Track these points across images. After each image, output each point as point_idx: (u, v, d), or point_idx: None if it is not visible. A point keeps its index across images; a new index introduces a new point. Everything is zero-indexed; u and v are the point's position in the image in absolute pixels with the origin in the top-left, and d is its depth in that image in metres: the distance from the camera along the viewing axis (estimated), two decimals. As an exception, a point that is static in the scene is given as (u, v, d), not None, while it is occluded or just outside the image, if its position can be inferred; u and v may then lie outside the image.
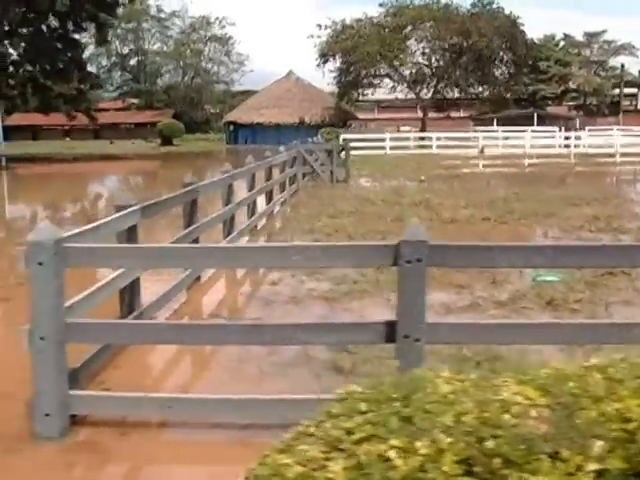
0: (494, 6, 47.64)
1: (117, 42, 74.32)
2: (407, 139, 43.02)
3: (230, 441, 4.07)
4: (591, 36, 74.17)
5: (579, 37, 74.53)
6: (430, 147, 38.73)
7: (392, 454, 1.91)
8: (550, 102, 75.27)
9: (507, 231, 11.51)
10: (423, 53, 50.27)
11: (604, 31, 73.43)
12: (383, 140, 37.63)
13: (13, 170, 33.51)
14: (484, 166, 30.62)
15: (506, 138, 43.64)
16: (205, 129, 75.62)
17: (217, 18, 77.20)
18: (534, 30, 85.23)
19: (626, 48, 72.41)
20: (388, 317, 4.07)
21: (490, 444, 1.88)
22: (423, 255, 3.74)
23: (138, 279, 6.06)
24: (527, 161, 32.95)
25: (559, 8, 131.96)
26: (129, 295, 5.95)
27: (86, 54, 46.59)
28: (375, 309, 6.84)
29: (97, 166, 37.16)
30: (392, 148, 37.27)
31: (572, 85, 74.09)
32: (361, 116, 60.03)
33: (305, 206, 14.85)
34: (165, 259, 3.97)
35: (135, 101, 78.01)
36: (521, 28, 48.24)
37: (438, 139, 39.15)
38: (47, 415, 4.00)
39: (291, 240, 10.20)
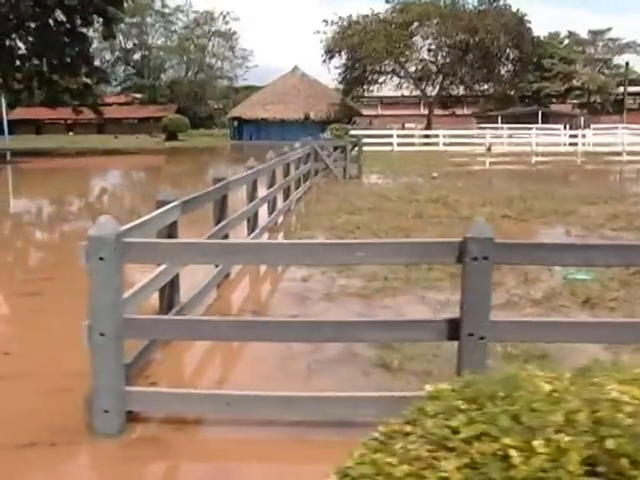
0: (501, 3, 47.54)
1: (121, 37, 74.11)
2: (413, 136, 42.98)
3: (288, 438, 4.05)
4: (596, 34, 74.14)
5: (584, 35, 74.57)
6: (437, 144, 38.67)
7: (512, 453, 1.88)
8: (554, 100, 75.26)
9: (529, 229, 11.49)
10: (429, 50, 50.23)
11: (609, 29, 73.48)
12: (390, 137, 37.61)
13: (19, 164, 33.45)
14: (492, 163, 30.57)
15: (510, 136, 43.65)
16: (209, 124, 75.51)
17: (221, 13, 77.18)
18: (539, 28, 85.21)
19: (631, 46, 72.38)
20: (450, 315, 4.05)
21: (611, 444, 1.85)
22: (490, 253, 3.71)
23: (177, 275, 6.03)
24: (534, 159, 32.91)
25: (564, 6, 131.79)
26: (169, 291, 5.92)
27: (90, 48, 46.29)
28: (412, 307, 6.82)
29: (103, 161, 37.11)
30: (399, 145, 37.25)
31: (576, 83, 74.05)
32: (365, 113, 59.95)
33: (321, 202, 14.82)
34: (230, 255, 3.94)
35: (138, 96, 77.87)
36: (527, 25, 48.13)
37: (445, 136, 39.09)
38: (106, 412, 3.98)
39: (315, 237, 10.18)
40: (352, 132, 27.50)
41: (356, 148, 21.05)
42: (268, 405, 4.06)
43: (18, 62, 39.89)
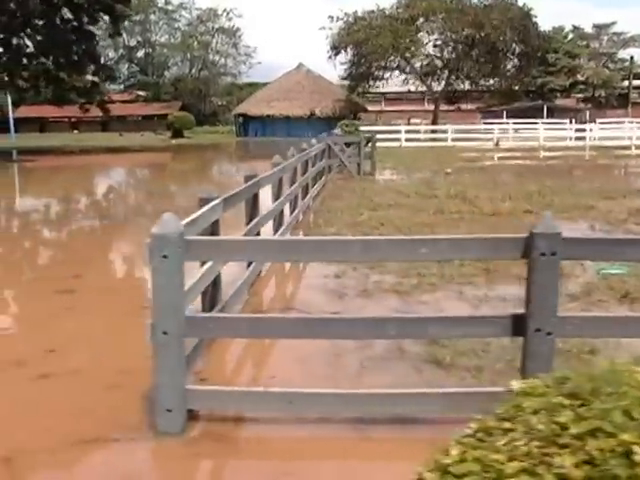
0: (506, -2, 47.43)
1: (124, 34, 74.06)
2: (420, 131, 42.91)
3: (349, 436, 4.04)
4: (600, 28, 73.85)
5: (588, 29, 74.30)
6: (445, 140, 38.61)
7: (636, 449, 1.86)
8: (558, 94, 75.07)
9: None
10: (435, 45, 50.10)
11: (613, 23, 73.17)
12: (398, 132, 37.56)
13: (26, 163, 33.46)
14: (500, 158, 30.51)
15: (516, 131, 43.58)
16: (213, 121, 75.49)
17: (224, 10, 77.13)
18: (543, 22, 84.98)
19: (636, 40, 72.09)
20: (516, 310, 4.03)
21: None
22: (558, 248, 3.69)
23: (219, 274, 6.01)
24: (543, 154, 32.84)
25: (568, 0, 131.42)
26: (212, 290, 5.90)
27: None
28: (450, 302, 6.80)
29: (111, 159, 37.09)
30: (407, 140, 37.20)
31: (581, 77, 73.83)
32: (369, 108, 59.87)
33: (340, 199, 14.79)
34: (292, 252, 3.92)
35: (142, 93, 77.86)
36: (534, 20, 48.02)
37: (453, 131, 39.03)
38: (169, 410, 3.97)
39: (341, 234, 10.15)
40: (364, 128, 27.40)
41: (369, 144, 20.98)
42: (331, 402, 4.04)
43: (25, 60, 39.85)
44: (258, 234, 7.83)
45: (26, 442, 4.05)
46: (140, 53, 79.63)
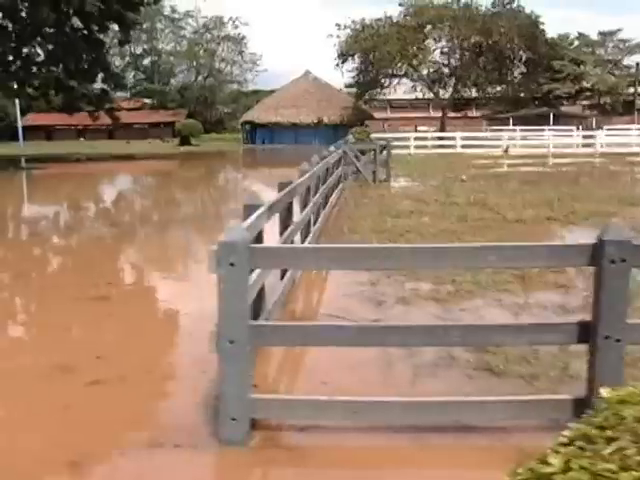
0: (514, 5, 47.53)
1: (131, 42, 74.37)
2: (427, 139, 42.94)
3: (413, 444, 4.03)
4: (605, 35, 73.91)
5: (594, 36, 74.38)
6: (454, 147, 38.60)
7: None
8: (564, 102, 75.10)
9: (578, 231, 11.43)
10: (442, 52, 50.22)
11: (619, 30, 73.25)
12: (408, 139, 37.60)
13: (36, 171, 33.56)
14: (512, 165, 30.49)
15: (524, 138, 43.58)
16: (218, 129, 75.68)
17: (230, 18, 77.44)
18: (548, 29, 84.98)
19: (641, 47, 72.13)
20: (582, 318, 4.03)
21: None
22: (628, 255, 3.69)
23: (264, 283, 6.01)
24: (553, 160, 32.80)
25: (573, 7, 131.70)
26: (257, 298, 5.90)
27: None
28: (491, 309, 6.79)
29: (121, 166, 37.15)
30: (416, 147, 37.22)
31: (586, 84, 73.87)
32: (376, 116, 59.94)
33: (359, 206, 14.81)
34: (359, 260, 3.92)
35: (148, 101, 78.10)
36: (541, 27, 48.12)
37: (462, 139, 39.03)
38: (233, 419, 3.96)
39: (368, 241, 10.14)
40: (375, 135, 27.45)
41: (384, 151, 21.01)
42: (396, 411, 4.03)
43: (35, 69, 40.01)
44: (292, 242, 7.84)
45: (90, 447, 4.06)
46: (146, 61, 79.96)
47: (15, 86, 40.75)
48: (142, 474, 3.87)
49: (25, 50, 38.24)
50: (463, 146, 38.60)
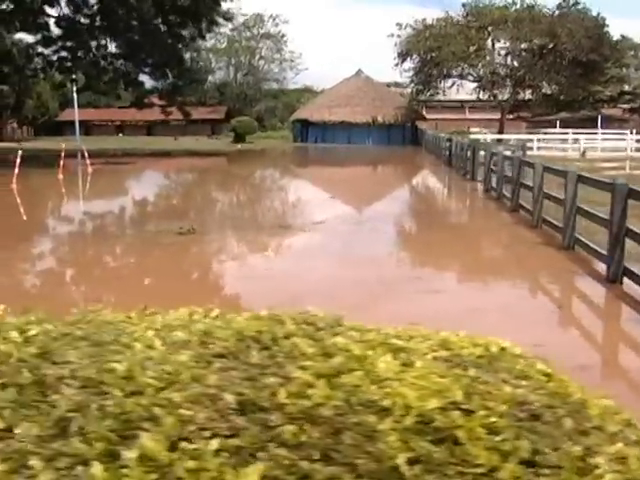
0: (579, 7, 47.19)
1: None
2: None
3: None
4: (649, 38, 73.41)
5: (637, 39, 73.82)
6: (531, 149, 38.26)
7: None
8: (605, 105, 74.58)
9: None
10: (505, 54, 49.88)
11: (662, 33, 72.78)
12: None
13: (127, 165, 33.40)
14: (603, 169, 30.14)
15: (588, 140, 43.17)
16: (258, 127, 75.36)
17: (271, 16, 77.05)
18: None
19: (685, 51, 71.62)
20: None
21: None
22: None
23: None
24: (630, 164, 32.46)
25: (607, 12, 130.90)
26: None
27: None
28: None
29: (201, 162, 37.13)
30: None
31: (628, 87, 73.37)
32: (427, 116, 59.65)
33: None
34: None
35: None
36: (605, 29, 47.79)
37: (539, 141, 38.73)
38: None
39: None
40: (475, 136, 27.16)
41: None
42: None
43: (103, 62, 39.76)
44: None
45: None
46: (185, 56, 79.56)
47: (84, 80, 40.63)
48: None
49: (94, 44, 37.97)
50: (540, 148, 38.28)
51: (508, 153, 17.67)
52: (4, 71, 53.51)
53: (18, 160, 21.89)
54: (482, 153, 22.16)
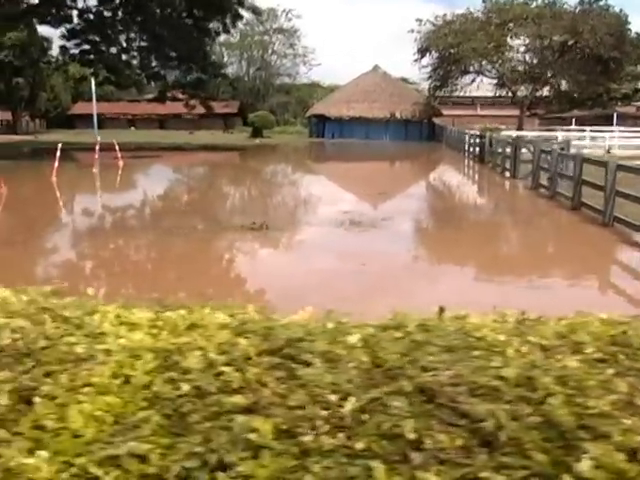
0: (601, 3, 46.95)
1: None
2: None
3: None
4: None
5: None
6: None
7: None
8: (619, 102, 74.29)
9: None
10: (526, 50, 49.66)
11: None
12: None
13: (153, 158, 33.29)
14: None
15: (593, 137, 42.88)
16: (271, 122, 75.27)
17: (284, 10, 76.72)
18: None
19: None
20: None
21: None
22: None
23: None
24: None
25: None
26: None
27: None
28: None
29: (219, 157, 36.92)
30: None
31: (640, 85, 73.10)
32: (444, 112, 59.44)
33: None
34: None
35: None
36: (628, 26, 47.54)
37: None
38: None
39: None
40: (505, 133, 27.05)
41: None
42: None
43: (124, 56, 39.66)
44: None
45: None
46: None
47: (106, 74, 40.50)
48: None
49: (123, 37, 37.86)
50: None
51: (562, 150, 17.56)
52: (19, 64, 53.57)
53: (58, 153, 21.81)
54: (524, 150, 22.09)
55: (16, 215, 15.22)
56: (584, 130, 47.19)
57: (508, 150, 23.70)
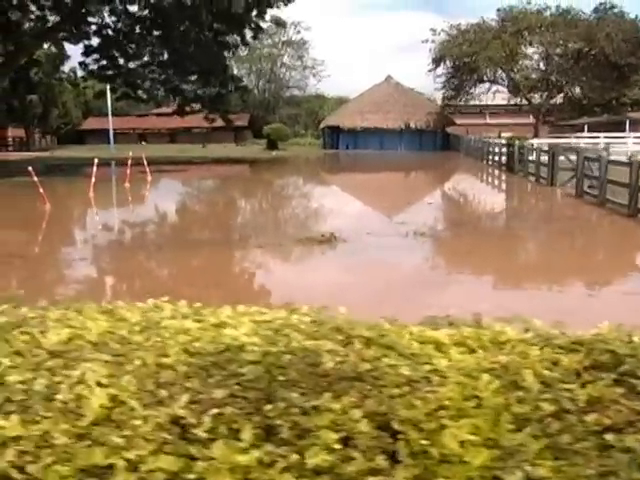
0: (616, 10, 47.02)
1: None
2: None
3: None
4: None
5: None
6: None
7: None
8: (629, 108, 74.22)
9: None
10: (540, 58, 49.74)
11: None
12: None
13: (179, 172, 33.23)
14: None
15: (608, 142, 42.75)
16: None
17: (292, 23, 76.85)
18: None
19: None
20: None
21: None
22: None
23: None
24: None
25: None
26: None
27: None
28: None
29: (240, 170, 36.88)
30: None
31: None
32: (457, 122, 59.44)
33: None
34: None
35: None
36: (644, 32, 47.56)
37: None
38: None
39: None
40: (532, 141, 26.94)
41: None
42: None
43: (145, 70, 39.68)
44: None
45: None
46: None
47: (123, 88, 40.53)
48: None
49: (142, 52, 37.88)
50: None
51: (613, 157, 17.48)
52: (33, 81, 53.67)
53: (94, 169, 21.71)
54: (561, 158, 21.99)
55: (74, 232, 15.13)
56: (598, 137, 47.15)
57: (543, 158, 23.59)
